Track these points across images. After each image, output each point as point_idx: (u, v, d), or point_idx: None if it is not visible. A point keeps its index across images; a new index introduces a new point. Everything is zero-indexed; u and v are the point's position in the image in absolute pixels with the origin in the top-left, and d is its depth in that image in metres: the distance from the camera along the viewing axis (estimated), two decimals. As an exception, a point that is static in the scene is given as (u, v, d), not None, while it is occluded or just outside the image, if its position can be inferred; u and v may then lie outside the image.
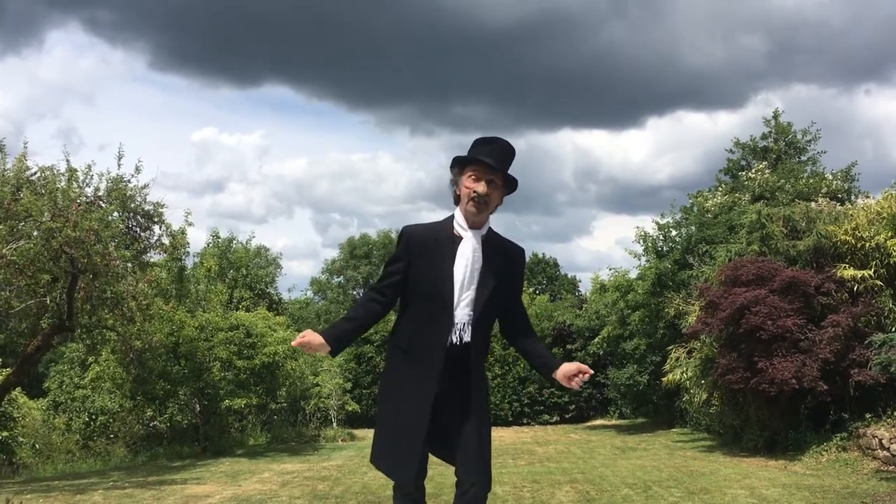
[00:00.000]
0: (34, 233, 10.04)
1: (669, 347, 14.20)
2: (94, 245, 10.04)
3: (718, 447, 12.13)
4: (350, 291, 39.97)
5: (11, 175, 10.47)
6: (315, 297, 40.71)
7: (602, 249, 66.53)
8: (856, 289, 10.43)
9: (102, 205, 10.95)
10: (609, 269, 19.26)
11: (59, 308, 10.85)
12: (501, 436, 15.96)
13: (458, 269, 2.96)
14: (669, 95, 56.13)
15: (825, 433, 10.27)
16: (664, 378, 13.91)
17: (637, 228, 18.27)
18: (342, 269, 41.48)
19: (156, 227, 11.74)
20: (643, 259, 16.90)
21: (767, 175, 16.97)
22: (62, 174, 10.94)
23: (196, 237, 73.13)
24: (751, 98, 56.57)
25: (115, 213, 11.19)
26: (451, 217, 3.07)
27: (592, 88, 56.10)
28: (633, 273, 17.34)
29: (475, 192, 2.95)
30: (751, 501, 6.92)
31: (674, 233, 17.02)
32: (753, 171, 17.50)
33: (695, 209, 17.65)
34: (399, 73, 62.58)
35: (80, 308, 10.93)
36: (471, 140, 3.10)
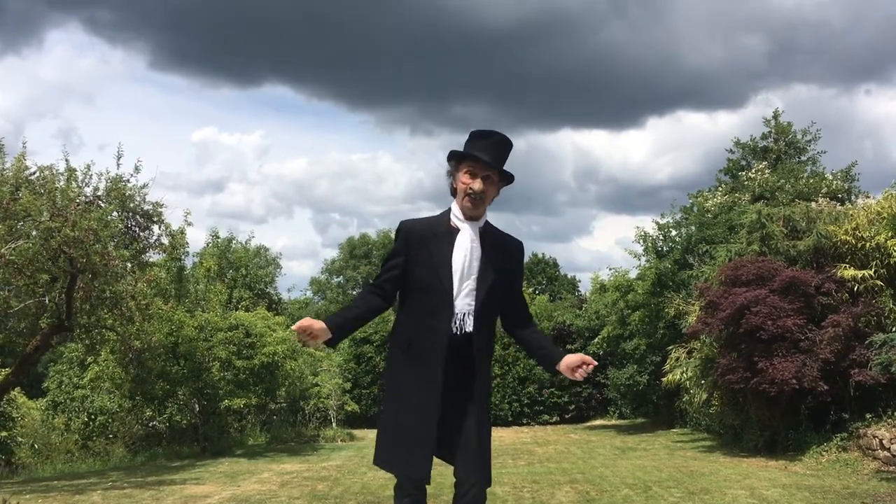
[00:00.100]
0: (33, 232, 10.02)
1: (669, 347, 14.18)
2: (93, 245, 10.01)
3: (718, 447, 12.11)
4: (350, 291, 40.00)
5: (10, 175, 10.44)
6: (315, 297, 40.74)
7: (602, 249, 66.61)
8: (856, 289, 10.42)
9: (101, 204, 10.91)
10: (609, 269, 19.27)
11: (58, 308, 10.83)
12: (501, 436, 15.94)
13: (457, 260, 2.95)
14: (669, 95, 56.18)
15: (825, 433, 10.26)
16: (664, 378, 13.90)
17: (637, 228, 18.27)
18: (342, 269, 41.53)
19: (155, 227, 11.71)
20: (643, 259, 16.89)
21: (767, 175, 16.96)
22: (61, 174, 10.92)
23: (195, 237, 73.18)
24: (751, 98, 56.62)
25: (115, 213, 11.16)
26: (448, 210, 3.07)
27: (592, 88, 56.13)
28: (633, 273, 17.34)
29: (471, 189, 2.95)
30: (751, 502, 6.91)
31: (674, 233, 17.02)
32: (753, 171, 17.49)
33: (695, 209, 17.65)
34: (399, 73, 62.62)
35: (79, 308, 10.91)
36: None
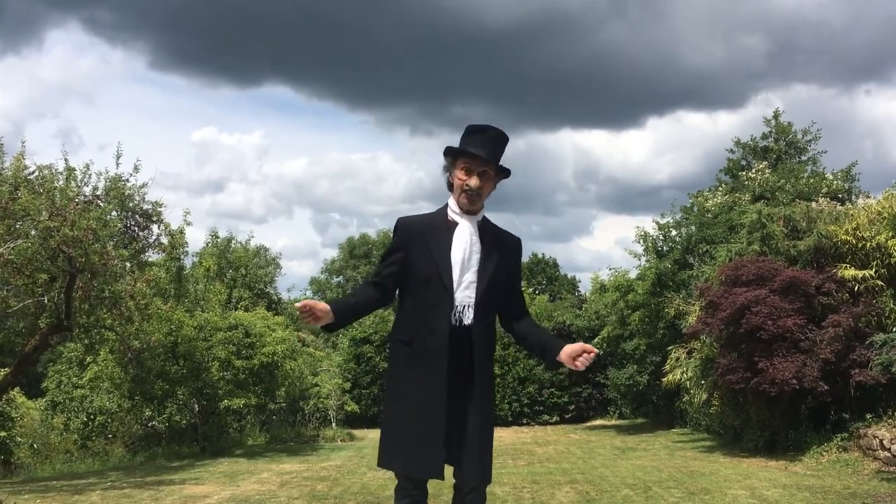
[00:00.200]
0: (32, 232, 10.00)
1: (669, 347, 14.16)
2: (93, 244, 9.98)
3: (718, 447, 12.09)
4: (349, 291, 40.02)
5: (9, 174, 10.42)
6: (314, 297, 40.75)
7: (602, 249, 66.67)
8: (856, 289, 10.40)
9: (101, 204, 10.89)
10: (609, 269, 19.24)
11: (57, 307, 10.80)
12: (501, 436, 15.91)
13: (456, 252, 2.94)
14: (669, 95, 56.23)
15: (826, 433, 10.25)
16: (664, 378, 13.88)
17: (637, 228, 18.25)
18: (342, 269, 41.55)
19: (154, 227, 11.69)
20: (643, 259, 16.86)
21: (768, 175, 16.96)
22: (60, 173, 10.91)
23: (195, 237, 73.21)
24: (751, 98, 56.68)
25: (114, 213, 11.14)
26: (445, 206, 3.06)
27: (592, 88, 56.16)
28: (633, 273, 17.31)
29: (467, 186, 2.95)
30: (751, 502, 6.89)
31: (674, 233, 16.99)
32: (754, 171, 17.49)
33: (695, 209, 17.63)
34: (399, 73, 62.66)
35: (78, 307, 10.89)
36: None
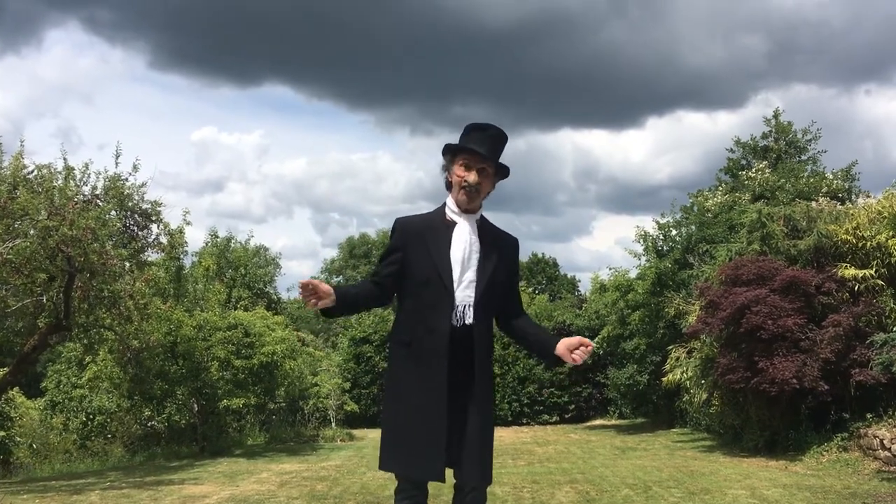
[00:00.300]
0: (31, 231, 9.98)
1: (669, 347, 14.15)
2: (91, 244, 9.97)
3: (719, 447, 12.08)
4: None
5: (8, 173, 10.41)
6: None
7: (602, 249, 66.73)
8: (857, 288, 10.38)
9: (100, 203, 10.88)
10: (609, 269, 19.22)
11: (56, 307, 10.79)
12: (501, 436, 15.89)
13: (456, 251, 2.93)
14: (669, 95, 56.26)
15: (826, 433, 10.23)
16: (664, 378, 13.86)
17: (637, 228, 18.23)
18: (341, 269, 41.52)
19: (153, 226, 11.68)
20: (643, 258, 16.85)
21: (768, 174, 16.94)
22: (59, 172, 10.89)
23: (194, 236, 73.24)
24: (750, 98, 56.71)
25: (113, 212, 11.12)
26: (444, 205, 3.04)
27: (592, 88, 56.20)
28: (633, 273, 17.29)
29: (466, 182, 2.93)
30: (752, 502, 6.88)
31: (674, 232, 16.97)
32: (754, 171, 17.47)
33: (695, 208, 17.61)
34: (399, 73, 62.71)
35: (77, 307, 10.88)
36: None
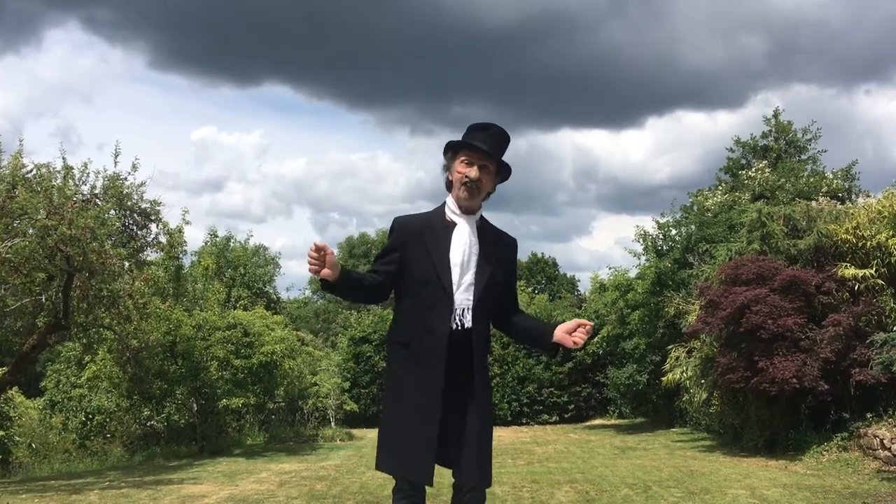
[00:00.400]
0: (29, 230, 9.97)
1: (669, 347, 14.13)
2: (90, 243, 9.96)
3: (718, 447, 12.07)
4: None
5: (7, 172, 10.39)
6: (314, 297, 40.74)
7: (601, 249, 66.75)
8: (857, 288, 10.37)
9: (99, 202, 10.87)
10: (609, 269, 19.21)
11: (55, 306, 10.77)
12: (500, 435, 15.90)
13: (456, 254, 2.91)
14: (669, 95, 56.28)
15: (826, 433, 10.22)
16: (664, 377, 13.85)
17: (637, 227, 18.22)
18: (341, 269, 41.46)
19: (153, 226, 11.68)
20: (643, 258, 16.84)
21: (768, 174, 16.94)
22: (58, 172, 10.88)
23: (194, 236, 73.21)
24: (750, 98, 56.72)
25: (112, 211, 11.12)
26: (443, 204, 3.02)
27: (592, 88, 56.21)
28: (633, 272, 17.29)
29: (467, 178, 2.90)
30: (751, 502, 6.86)
31: (673, 232, 16.96)
32: (754, 170, 17.46)
33: (695, 208, 17.61)
34: (399, 73, 62.72)
35: (76, 307, 10.86)
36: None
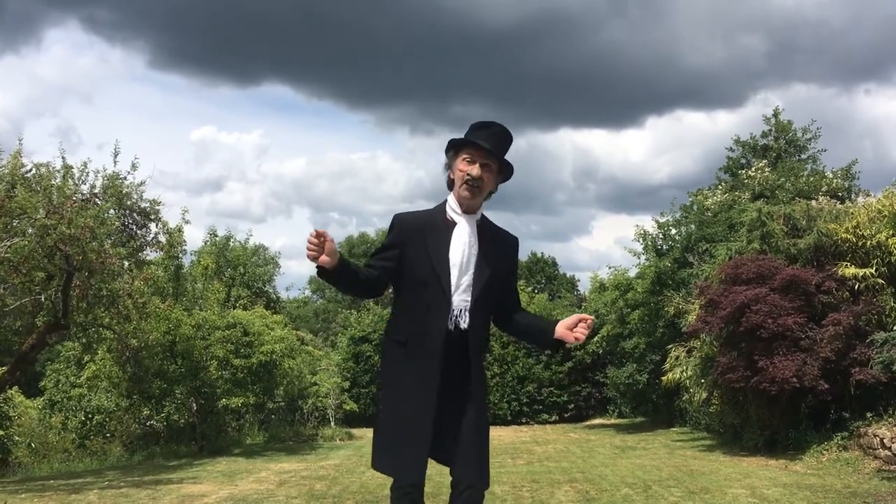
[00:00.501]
0: (29, 230, 9.95)
1: (669, 346, 14.13)
2: (90, 242, 9.94)
3: (718, 446, 12.06)
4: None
5: (6, 172, 10.38)
6: (313, 296, 40.75)
7: (601, 249, 66.75)
8: (857, 287, 10.37)
9: (98, 202, 10.86)
10: (608, 268, 19.21)
11: (55, 306, 10.76)
12: (500, 435, 15.89)
13: (455, 254, 2.88)
14: (669, 95, 56.29)
15: (826, 432, 10.22)
16: (664, 377, 13.84)
17: (637, 227, 18.23)
18: (341, 268, 41.46)
19: (152, 225, 11.66)
20: (643, 257, 16.84)
21: (767, 173, 16.93)
22: (57, 171, 10.87)
23: (194, 235, 73.24)
24: (750, 98, 56.71)
25: (111, 211, 11.10)
26: (444, 203, 2.99)
27: (592, 88, 56.21)
28: (633, 272, 17.29)
29: (469, 175, 2.87)
30: (752, 501, 6.86)
31: (673, 231, 16.96)
32: (753, 170, 17.45)
33: (695, 207, 17.60)
34: (399, 73, 62.71)
35: (76, 306, 10.84)
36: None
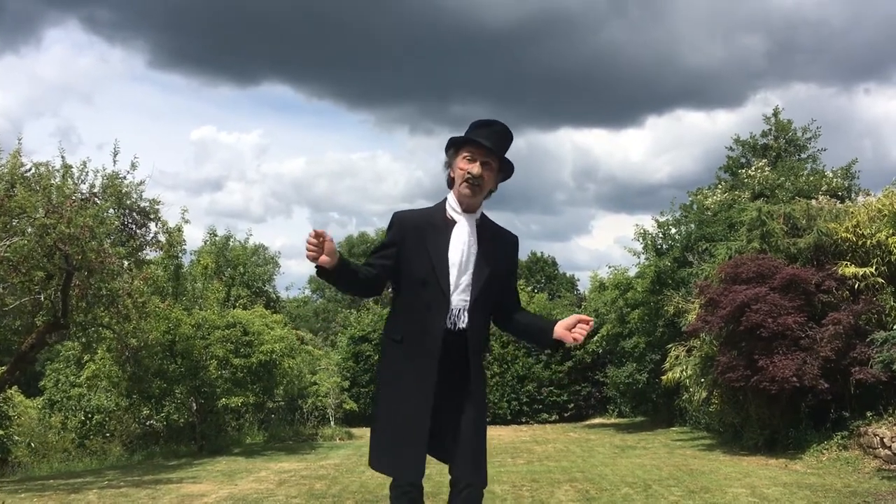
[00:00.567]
0: (28, 229, 9.94)
1: (669, 346, 14.12)
2: (89, 242, 9.93)
3: (718, 446, 12.06)
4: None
5: (6, 171, 10.37)
6: (313, 296, 40.75)
7: (601, 249, 66.80)
8: (857, 286, 10.37)
9: (97, 201, 10.85)
10: (608, 267, 19.20)
11: (54, 305, 10.75)
12: (500, 434, 15.89)
13: (454, 254, 2.87)
14: (669, 95, 56.31)
15: (826, 432, 10.22)
16: (664, 376, 13.84)
17: (636, 226, 18.23)
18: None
19: (152, 225, 11.66)
20: (642, 257, 16.84)
21: (767, 172, 16.93)
22: (57, 170, 10.86)
23: (193, 235, 73.25)
24: (750, 97, 56.73)
25: (111, 210, 11.09)
26: (444, 201, 2.98)
27: (592, 88, 56.22)
28: (633, 271, 17.28)
29: (469, 174, 2.86)
30: (752, 500, 6.85)
31: (673, 230, 16.96)
32: (753, 169, 17.45)
33: (694, 207, 17.60)
34: (399, 73, 62.72)
35: (75, 305, 10.84)
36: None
